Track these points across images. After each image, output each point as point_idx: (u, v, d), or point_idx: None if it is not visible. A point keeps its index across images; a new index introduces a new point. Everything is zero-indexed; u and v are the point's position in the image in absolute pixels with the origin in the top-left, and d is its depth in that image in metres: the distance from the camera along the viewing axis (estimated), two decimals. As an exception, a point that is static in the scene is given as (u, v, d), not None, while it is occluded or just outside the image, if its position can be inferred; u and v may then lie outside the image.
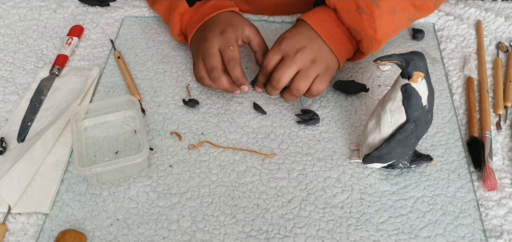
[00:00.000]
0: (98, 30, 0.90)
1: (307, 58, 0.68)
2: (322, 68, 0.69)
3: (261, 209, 0.63)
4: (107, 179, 0.65)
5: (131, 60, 0.84)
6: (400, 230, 0.60)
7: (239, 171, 0.67)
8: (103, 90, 0.79)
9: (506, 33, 0.86)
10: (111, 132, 0.72)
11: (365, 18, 0.69)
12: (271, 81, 0.70)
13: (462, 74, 0.79)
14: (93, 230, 0.61)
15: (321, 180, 0.65)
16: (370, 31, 0.70)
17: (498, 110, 0.73)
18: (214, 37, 0.71)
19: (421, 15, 0.80)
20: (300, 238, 0.60)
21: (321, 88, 0.70)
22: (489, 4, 0.92)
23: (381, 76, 0.79)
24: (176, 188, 0.65)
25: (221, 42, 0.71)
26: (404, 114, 0.59)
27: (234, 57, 0.70)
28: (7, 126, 0.73)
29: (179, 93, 0.78)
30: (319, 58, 0.69)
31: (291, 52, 0.68)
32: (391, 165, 0.64)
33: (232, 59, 0.70)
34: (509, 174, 0.65)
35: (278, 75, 0.68)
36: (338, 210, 0.62)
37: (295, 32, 0.71)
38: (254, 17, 0.90)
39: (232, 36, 0.71)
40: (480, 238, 0.59)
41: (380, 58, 0.58)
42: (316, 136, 0.71)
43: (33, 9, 0.95)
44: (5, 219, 0.62)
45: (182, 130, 0.72)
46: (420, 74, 0.56)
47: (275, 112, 0.74)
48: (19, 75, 0.82)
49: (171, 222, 0.61)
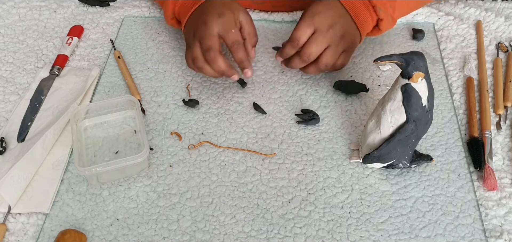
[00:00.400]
0: (98, 30, 0.90)
1: (338, 34, 0.70)
2: (349, 44, 0.72)
3: (261, 209, 0.63)
4: (107, 179, 0.65)
5: (131, 60, 0.84)
6: (400, 230, 0.60)
7: (239, 171, 0.67)
8: (103, 90, 0.79)
9: (506, 33, 0.86)
10: (111, 132, 0.72)
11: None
12: (301, 55, 0.70)
13: (462, 74, 0.79)
14: (93, 230, 0.61)
15: (321, 180, 0.65)
16: (390, 9, 0.74)
17: (498, 110, 0.73)
18: (213, 19, 0.70)
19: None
20: (300, 238, 0.60)
21: (345, 62, 0.73)
22: (489, 4, 0.92)
23: (381, 76, 0.79)
24: (176, 188, 0.65)
25: (220, 25, 0.70)
26: (404, 114, 0.59)
27: (238, 40, 0.70)
28: (7, 126, 0.73)
29: (179, 93, 0.78)
30: (347, 34, 0.71)
31: (324, 28, 0.69)
32: (391, 165, 0.64)
33: (236, 42, 0.70)
34: (509, 174, 0.65)
35: (309, 49, 0.69)
36: (338, 210, 0.62)
37: (326, 7, 0.71)
38: (255, 16, 0.90)
39: (231, 19, 0.71)
40: (480, 238, 0.59)
41: (380, 58, 0.58)
42: (316, 136, 0.71)
43: (33, 9, 0.95)
44: (5, 219, 0.62)
45: (182, 130, 0.72)
46: (420, 74, 0.56)
47: (275, 112, 0.74)
48: (19, 75, 0.82)
49: (171, 222, 0.61)
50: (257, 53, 0.84)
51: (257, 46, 0.85)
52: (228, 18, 0.71)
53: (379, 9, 0.73)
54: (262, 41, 0.86)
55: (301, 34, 0.70)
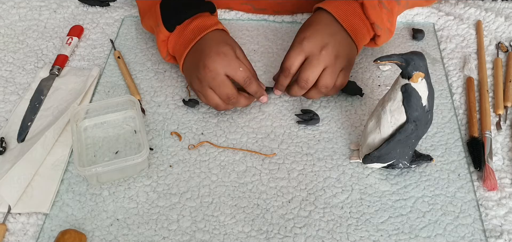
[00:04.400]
0: (98, 30, 0.90)
1: (332, 55, 0.68)
2: (345, 62, 0.70)
3: (261, 209, 0.63)
4: (107, 179, 0.65)
5: (131, 60, 0.84)
6: (400, 230, 0.60)
7: (239, 171, 0.67)
8: (103, 90, 0.79)
9: (506, 33, 0.86)
10: (111, 132, 0.72)
11: (385, 13, 0.71)
12: (299, 81, 0.69)
13: (462, 74, 0.79)
14: (93, 230, 0.61)
15: (321, 180, 0.65)
16: (387, 24, 0.73)
17: (498, 110, 0.73)
18: (215, 62, 0.66)
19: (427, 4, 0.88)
20: (300, 238, 0.60)
21: (344, 81, 0.71)
22: (489, 4, 0.92)
23: (381, 76, 0.79)
24: (176, 188, 0.65)
25: (224, 66, 0.67)
26: (404, 114, 0.59)
27: (248, 75, 0.68)
28: (7, 126, 0.73)
29: (179, 93, 0.78)
30: (342, 52, 0.69)
31: (316, 51, 0.68)
32: (391, 165, 0.64)
33: (247, 78, 0.68)
34: (509, 174, 0.65)
35: (306, 75, 0.68)
36: (338, 210, 0.62)
37: (314, 30, 0.69)
38: (255, 17, 0.90)
39: (233, 56, 0.68)
40: (480, 238, 0.59)
41: (380, 58, 0.58)
42: (316, 136, 0.71)
43: (33, 9, 0.95)
44: (5, 219, 0.62)
45: (182, 130, 0.72)
46: (420, 74, 0.56)
47: (275, 112, 0.74)
48: (19, 75, 0.82)
49: (171, 222, 0.61)
50: (256, 54, 0.84)
51: (257, 47, 0.85)
52: (230, 57, 0.67)
53: (377, 27, 0.72)
54: (262, 41, 0.86)
55: (291, 62, 0.69)
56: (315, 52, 0.68)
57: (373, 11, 0.71)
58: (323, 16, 0.72)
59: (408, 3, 0.78)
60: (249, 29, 0.89)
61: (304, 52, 0.68)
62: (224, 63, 0.67)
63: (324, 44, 0.68)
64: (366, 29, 0.73)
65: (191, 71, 0.70)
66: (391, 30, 0.75)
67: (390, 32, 0.75)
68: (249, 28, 0.89)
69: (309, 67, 0.68)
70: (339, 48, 0.69)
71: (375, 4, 0.71)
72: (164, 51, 0.76)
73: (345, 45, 0.70)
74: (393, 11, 0.73)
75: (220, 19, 0.91)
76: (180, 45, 0.73)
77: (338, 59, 0.69)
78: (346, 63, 0.70)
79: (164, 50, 0.76)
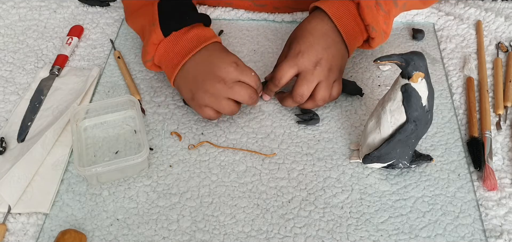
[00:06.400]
0: (98, 30, 0.90)
1: (326, 69, 0.68)
2: (338, 73, 0.70)
3: (261, 209, 0.63)
4: (107, 179, 0.65)
5: (131, 60, 0.84)
6: (400, 230, 0.60)
7: (239, 171, 0.67)
8: (103, 90, 0.79)
9: (506, 33, 0.86)
10: (111, 132, 0.72)
11: (381, 14, 0.71)
12: (294, 96, 0.69)
13: (462, 74, 0.79)
14: (93, 230, 0.61)
15: (321, 180, 0.65)
16: (383, 26, 0.72)
17: (498, 110, 0.73)
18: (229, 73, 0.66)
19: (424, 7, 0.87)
20: (300, 238, 0.60)
21: (339, 91, 0.72)
22: (489, 4, 0.92)
23: (381, 76, 0.79)
24: (176, 188, 0.65)
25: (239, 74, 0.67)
26: (404, 114, 0.59)
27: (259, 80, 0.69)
28: (7, 126, 0.73)
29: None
30: (334, 64, 0.69)
31: (310, 67, 0.68)
32: (391, 165, 0.64)
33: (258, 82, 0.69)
34: (509, 174, 0.65)
35: (301, 90, 0.68)
36: (338, 210, 0.62)
37: (309, 44, 0.68)
38: (255, 17, 0.90)
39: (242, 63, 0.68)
40: (480, 238, 0.59)
41: (380, 58, 0.58)
42: (316, 136, 0.71)
43: (33, 9, 0.95)
44: (5, 219, 0.62)
45: (182, 130, 0.72)
46: (420, 74, 0.56)
47: (275, 112, 0.74)
48: (19, 75, 0.82)
49: (171, 222, 0.61)
50: (257, 54, 0.84)
51: (257, 47, 0.85)
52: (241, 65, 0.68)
53: (372, 29, 0.71)
54: (262, 42, 0.86)
55: (282, 74, 0.68)
56: (309, 68, 0.68)
57: (369, 12, 0.70)
58: (318, 21, 0.71)
59: (405, 5, 0.77)
60: (249, 29, 0.89)
61: (298, 67, 0.68)
62: (238, 72, 0.67)
63: (318, 60, 0.68)
64: (359, 31, 0.72)
65: (195, 84, 0.68)
66: (387, 32, 0.74)
67: (386, 34, 0.74)
68: (249, 28, 0.89)
69: (304, 83, 0.68)
70: (332, 62, 0.69)
71: (372, 5, 0.70)
72: (151, 55, 0.71)
73: (338, 57, 0.70)
74: (390, 13, 0.73)
75: (220, 19, 0.91)
76: (175, 54, 0.70)
77: (331, 71, 0.69)
78: (338, 74, 0.71)
79: (151, 53, 0.71)
